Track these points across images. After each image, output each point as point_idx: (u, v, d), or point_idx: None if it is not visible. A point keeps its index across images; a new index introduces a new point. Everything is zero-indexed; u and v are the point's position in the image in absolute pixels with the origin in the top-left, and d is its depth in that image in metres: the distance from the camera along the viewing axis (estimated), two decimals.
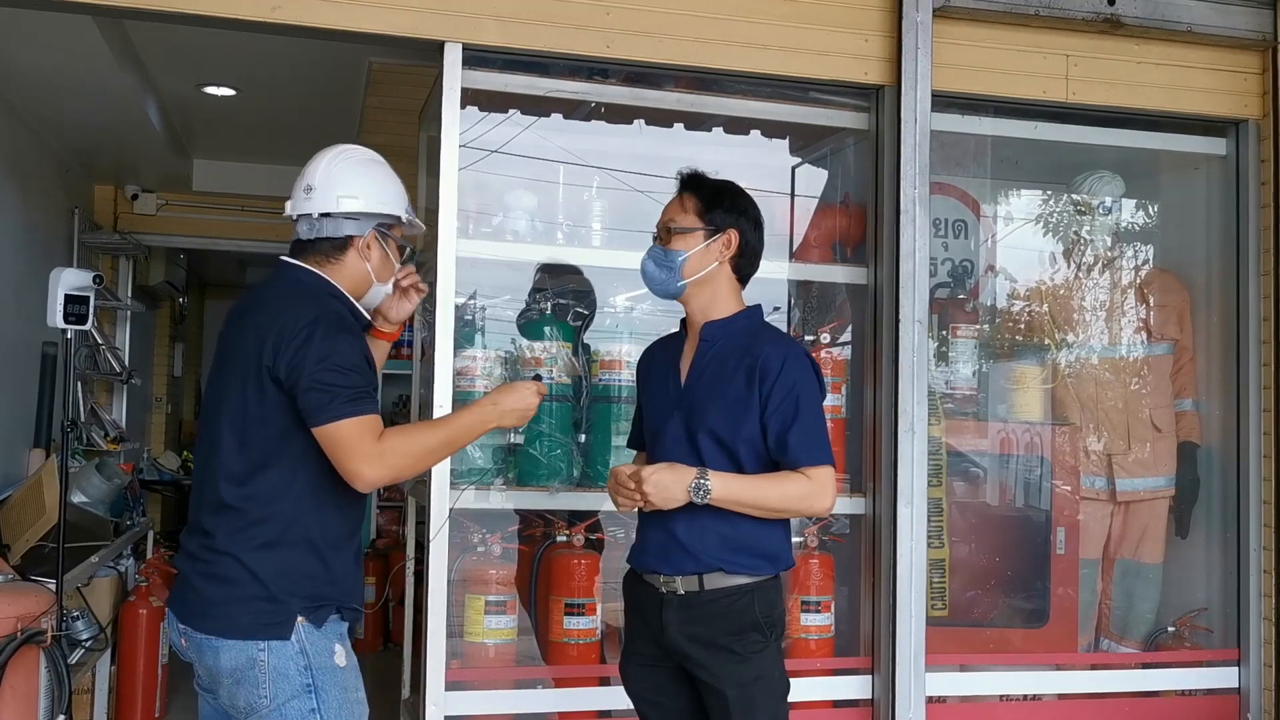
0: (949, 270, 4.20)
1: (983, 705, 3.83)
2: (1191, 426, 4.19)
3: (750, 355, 2.45)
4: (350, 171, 2.40)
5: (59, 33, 4.00)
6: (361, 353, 2.26)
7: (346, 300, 2.36)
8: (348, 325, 2.28)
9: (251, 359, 2.20)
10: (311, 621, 2.19)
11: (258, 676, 2.15)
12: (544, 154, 3.78)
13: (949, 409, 4.01)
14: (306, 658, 2.18)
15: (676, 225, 2.52)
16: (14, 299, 4.91)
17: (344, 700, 2.22)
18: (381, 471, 2.19)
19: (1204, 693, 3.96)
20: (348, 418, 2.15)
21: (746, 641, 2.41)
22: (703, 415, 2.45)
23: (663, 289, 2.56)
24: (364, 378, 2.21)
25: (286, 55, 4.56)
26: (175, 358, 9.01)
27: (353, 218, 2.36)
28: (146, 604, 4.81)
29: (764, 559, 2.44)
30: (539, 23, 3.37)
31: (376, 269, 2.39)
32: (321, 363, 2.15)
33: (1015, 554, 4.15)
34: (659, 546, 2.47)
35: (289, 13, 3.21)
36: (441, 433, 2.35)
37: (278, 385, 2.18)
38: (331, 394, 2.15)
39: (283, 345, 2.17)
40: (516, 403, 2.39)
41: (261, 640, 2.15)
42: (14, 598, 3.40)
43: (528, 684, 3.58)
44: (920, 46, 3.60)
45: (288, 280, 2.34)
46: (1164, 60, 3.91)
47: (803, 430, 2.40)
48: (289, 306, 2.24)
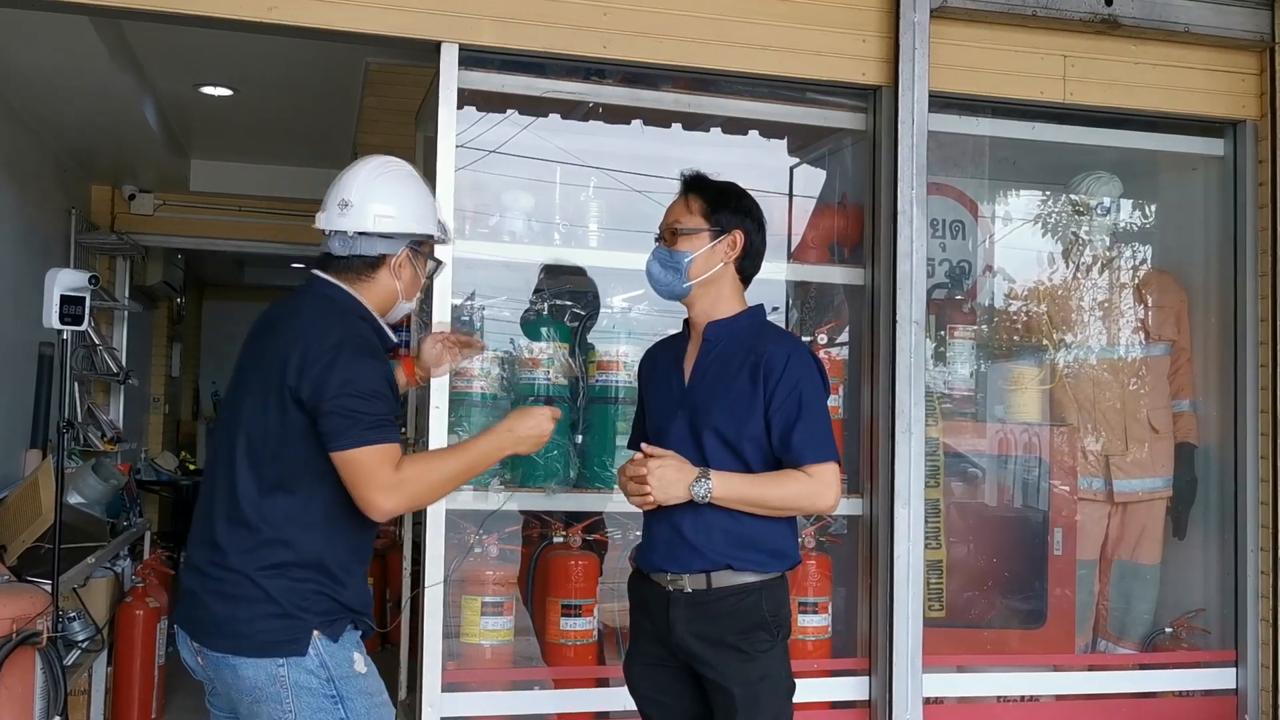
0: (946, 271, 4.20)
1: (980, 706, 3.83)
2: (1189, 427, 4.19)
3: (754, 353, 2.46)
4: (388, 189, 2.34)
5: (56, 33, 4.00)
6: (385, 378, 2.22)
7: (374, 321, 2.32)
8: (372, 349, 2.24)
9: (274, 376, 2.17)
10: (328, 635, 2.18)
11: (280, 693, 2.13)
12: (541, 154, 3.78)
13: (946, 409, 4.01)
14: (327, 670, 2.16)
15: (682, 227, 2.51)
16: (11, 299, 4.91)
17: (370, 706, 2.21)
18: (398, 501, 2.17)
19: (1201, 693, 3.96)
20: (368, 445, 2.12)
21: (754, 640, 2.42)
22: (707, 414, 2.46)
23: (668, 290, 2.55)
24: (386, 404, 2.18)
25: (283, 55, 4.57)
26: (173, 358, 9.01)
27: (387, 236, 2.31)
28: (143, 605, 4.80)
29: (771, 556, 2.45)
30: (536, 23, 3.37)
31: (406, 287, 2.36)
32: (344, 387, 2.12)
33: (1013, 555, 4.15)
34: (666, 544, 2.47)
35: (285, 13, 3.21)
36: (459, 461, 2.31)
37: (299, 407, 2.15)
38: (353, 420, 2.12)
39: (306, 367, 2.14)
40: (532, 429, 2.37)
41: (280, 657, 2.13)
42: (9, 599, 3.39)
43: (525, 685, 3.58)
44: (918, 47, 3.60)
45: (317, 296, 2.30)
46: (1161, 61, 3.91)
47: (806, 427, 2.41)
48: (315, 325, 2.21)
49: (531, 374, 3.62)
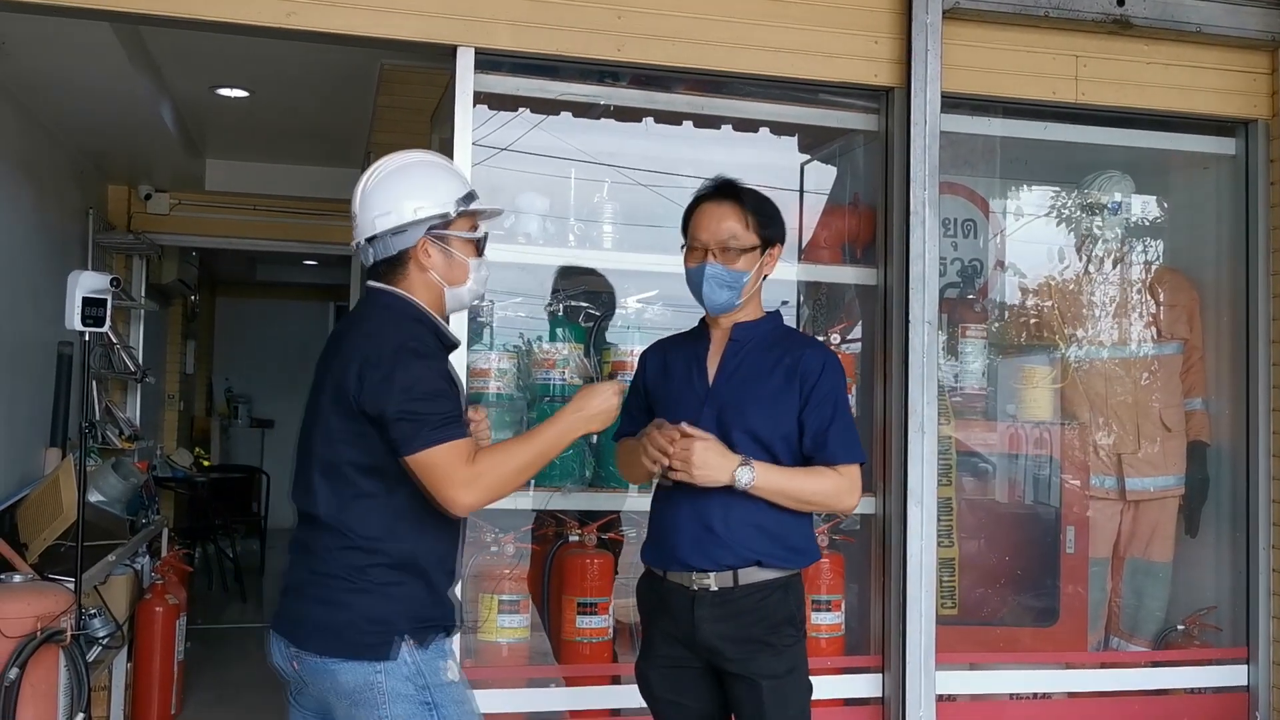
0: (958, 270, 4.22)
1: (993, 703, 3.85)
2: (1201, 426, 4.20)
3: (790, 355, 2.52)
4: (378, 189, 2.32)
5: (75, 37, 4.03)
6: (444, 376, 2.22)
7: (429, 320, 2.31)
8: (427, 350, 2.23)
9: (340, 389, 2.19)
10: (418, 642, 2.19)
11: (375, 698, 2.16)
12: (553, 153, 3.80)
13: (957, 404, 4.03)
14: (423, 677, 2.18)
15: (740, 244, 2.51)
16: (30, 300, 4.95)
17: (461, 714, 2.23)
18: (478, 495, 2.18)
19: (1213, 691, 3.97)
20: (437, 445, 2.13)
21: (781, 635, 2.45)
22: (739, 413, 2.49)
23: (724, 308, 2.55)
24: (449, 402, 2.19)
25: (299, 57, 4.60)
26: (187, 355, 9.06)
27: (399, 232, 2.28)
28: (162, 602, 4.85)
29: (796, 552, 2.49)
30: (551, 27, 3.39)
31: (443, 272, 2.31)
32: (406, 393, 2.13)
33: (1025, 553, 4.17)
34: (692, 538, 2.47)
35: (303, 19, 3.24)
36: (532, 448, 2.28)
37: (365, 417, 2.17)
38: (419, 423, 2.13)
39: (365, 377, 2.16)
40: (600, 405, 2.35)
41: (376, 661, 2.16)
42: (34, 597, 3.44)
43: (540, 683, 3.61)
44: (930, 48, 3.61)
45: (374, 305, 2.31)
46: (1173, 61, 3.92)
47: (840, 429, 2.48)
48: (372, 336, 2.22)
49: (547, 374, 3.65)
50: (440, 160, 2.44)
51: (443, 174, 2.37)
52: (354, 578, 2.18)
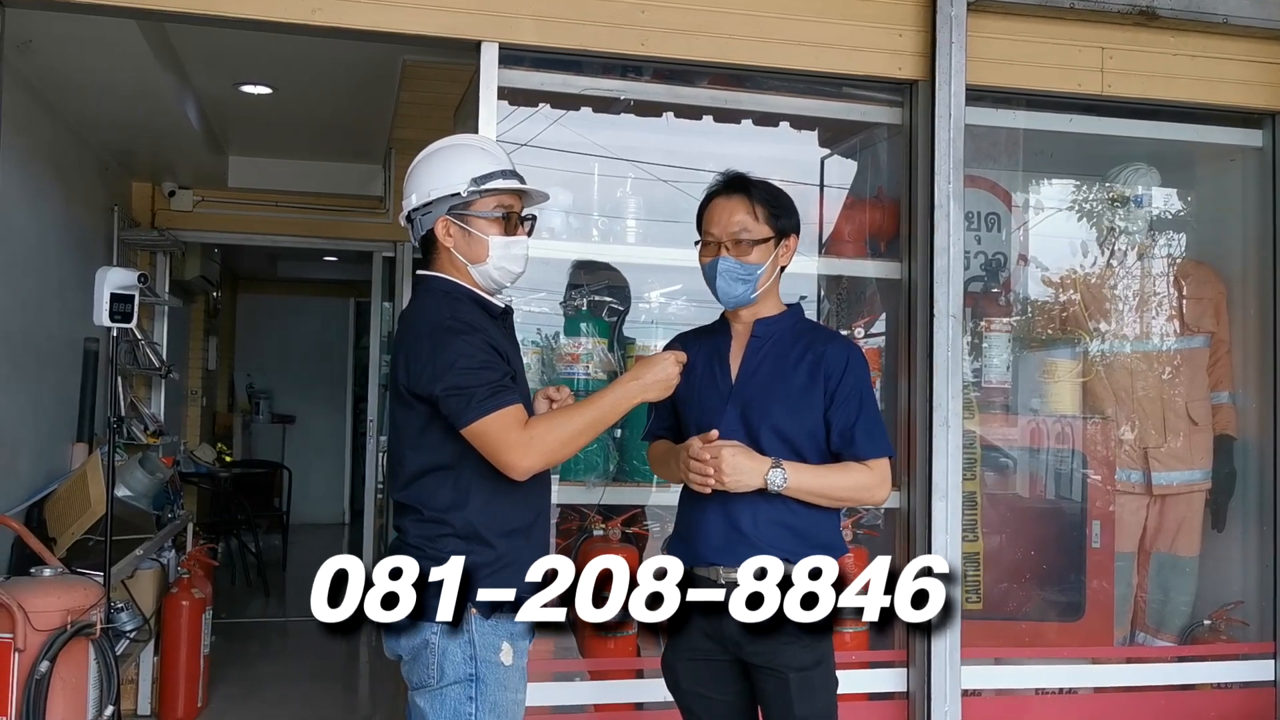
0: (981, 264, 4.20)
1: (1018, 698, 3.83)
2: (1228, 419, 4.18)
3: (813, 351, 2.51)
4: (412, 173, 2.45)
5: (101, 35, 4.05)
6: (487, 345, 2.26)
7: (467, 293, 2.37)
8: (468, 323, 2.27)
9: (394, 379, 2.31)
10: (481, 614, 2.25)
11: (428, 656, 2.25)
12: (573, 147, 3.80)
13: (980, 398, 4.02)
14: (474, 648, 2.24)
15: (751, 236, 2.50)
16: (58, 296, 4.99)
17: (501, 698, 2.27)
18: (534, 459, 2.23)
19: (1239, 686, 3.95)
20: (489, 414, 2.19)
21: (810, 627, 2.45)
22: (765, 410, 2.48)
23: (739, 301, 2.55)
24: (497, 370, 2.24)
25: (322, 54, 4.62)
26: (209, 351, 9.11)
27: (425, 212, 2.38)
28: (188, 595, 4.88)
29: (823, 549, 2.49)
30: (575, 22, 3.40)
31: (463, 250, 2.36)
32: (450, 370, 2.20)
33: (1050, 547, 4.16)
34: (721, 539, 2.48)
35: (328, 15, 3.26)
36: (588, 414, 2.32)
37: (420, 400, 2.26)
38: (468, 396, 2.19)
39: (412, 362, 2.26)
40: (659, 374, 2.39)
41: (434, 623, 2.24)
42: (63, 591, 3.46)
43: (565, 676, 3.62)
44: (954, 41, 3.60)
45: (416, 294, 2.42)
46: (1200, 52, 3.89)
47: (867, 424, 2.48)
48: (416, 321, 2.32)
49: (570, 369, 3.66)
50: (472, 143, 2.53)
51: (465, 155, 2.42)
52: (426, 547, 2.27)
